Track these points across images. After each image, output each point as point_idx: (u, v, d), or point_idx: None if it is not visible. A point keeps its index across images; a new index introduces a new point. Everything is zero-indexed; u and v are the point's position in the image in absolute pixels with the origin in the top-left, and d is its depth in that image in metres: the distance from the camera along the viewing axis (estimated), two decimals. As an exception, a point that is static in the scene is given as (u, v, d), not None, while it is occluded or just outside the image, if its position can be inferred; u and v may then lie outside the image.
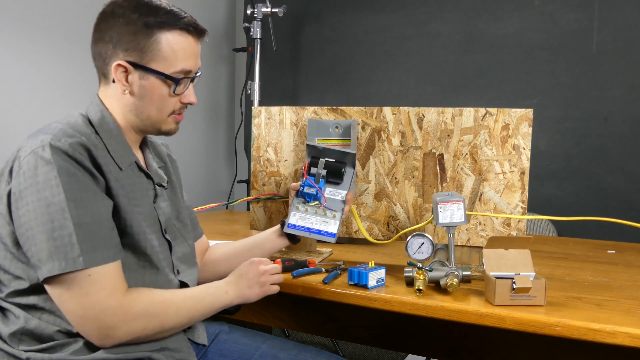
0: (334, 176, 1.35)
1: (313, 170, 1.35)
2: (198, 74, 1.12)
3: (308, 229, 1.27)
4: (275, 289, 1.19)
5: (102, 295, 0.94)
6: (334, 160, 1.36)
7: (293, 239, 1.35)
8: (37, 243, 0.92)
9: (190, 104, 1.12)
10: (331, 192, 1.36)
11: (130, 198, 1.04)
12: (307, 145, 1.41)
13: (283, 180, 1.68)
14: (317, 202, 1.33)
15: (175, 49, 1.05)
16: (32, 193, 0.93)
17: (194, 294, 1.09)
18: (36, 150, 0.94)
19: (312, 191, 1.33)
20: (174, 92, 1.08)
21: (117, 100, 1.08)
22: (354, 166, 1.38)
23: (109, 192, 1.00)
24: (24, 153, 0.95)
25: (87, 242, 0.93)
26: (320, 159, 1.37)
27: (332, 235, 1.27)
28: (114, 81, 1.06)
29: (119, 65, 1.04)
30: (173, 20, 1.05)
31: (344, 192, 1.35)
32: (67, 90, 2.50)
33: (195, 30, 1.08)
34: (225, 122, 3.57)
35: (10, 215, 0.96)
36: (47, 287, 0.95)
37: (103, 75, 1.09)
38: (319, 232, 1.27)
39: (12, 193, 0.95)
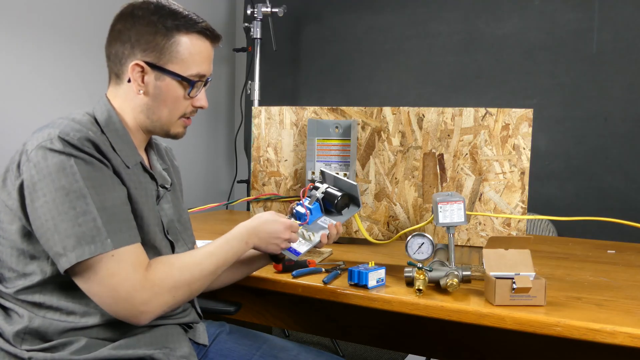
0: (330, 204, 1.30)
1: (312, 192, 1.34)
2: (210, 79, 1.13)
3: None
4: (287, 245, 1.21)
5: (128, 272, 0.94)
6: (338, 194, 1.31)
7: (275, 257, 1.31)
8: (61, 231, 0.92)
9: (201, 107, 1.14)
10: (324, 220, 1.31)
11: (137, 194, 1.05)
12: (323, 171, 1.40)
13: (283, 180, 1.68)
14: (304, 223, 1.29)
15: (192, 51, 1.07)
16: (47, 184, 0.93)
17: (214, 249, 1.08)
18: (44, 144, 0.94)
19: (302, 210, 1.30)
20: (188, 94, 1.09)
21: (128, 100, 1.09)
22: (359, 205, 1.33)
23: (122, 182, 1.02)
24: (31, 147, 0.95)
25: (112, 224, 0.94)
26: (323, 184, 1.34)
27: (297, 254, 1.24)
28: (129, 81, 1.06)
29: (137, 65, 1.05)
30: (191, 24, 1.07)
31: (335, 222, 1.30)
32: (66, 90, 2.50)
33: (211, 34, 1.10)
34: (225, 122, 3.57)
35: (23, 210, 0.96)
36: (72, 275, 0.95)
37: (115, 75, 1.10)
38: (289, 248, 1.24)
39: (24, 186, 0.95)
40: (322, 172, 1.41)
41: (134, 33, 1.05)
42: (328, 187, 1.33)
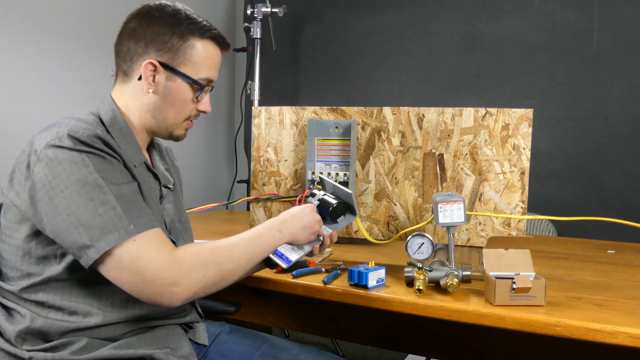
0: (325, 211, 1.30)
1: (309, 199, 1.34)
2: (213, 86, 1.16)
3: (275, 250, 1.24)
4: (319, 240, 1.24)
5: (153, 254, 0.94)
6: (333, 202, 1.30)
7: (269, 263, 1.29)
8: (84, 223, 0.92)
9: (204, 112, 1.16)
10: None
11: (143, 190, 1.06)
12: (322, 178, 1.41)
13: (283, 180, 1.68)
14: None
15: (204, 56, 1.10)
16: (63, 180, 0.93)
17: (246, 236, 1.09)
18: (53, 142, 0.95)
19: None
20: (196, 98, 1.11)
21: (135, 98, 1.10)
22: (355, 214, 1.33)
23: (133, 177, 1.03)
24: (40, 146, 0.95)
25: (131, 210, 0.95)
26: (319, 192, 1.35)
27: (288, 262, 1.24)
28: (139, 78, 1.08)
29: (150, 63, 1.06)
30: (205, 29, 1.10)
31: (330, 231, 1.30)
32: (68, 90, 2.50)
33: (223, 42, 1.14)
34: (225, 122, 3.57)
35: (35, 210, 0.96)
36: (97, 267, 0.95)
37: (123, 72, 1.11)
38: (281, 255, 1.24)
39: (37, 186, 0.94)
40: (321, 180, 1.41)
41: (150, 32, 1.07)
42: (325, 195, 1.33)
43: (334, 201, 1.30)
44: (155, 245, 0.95)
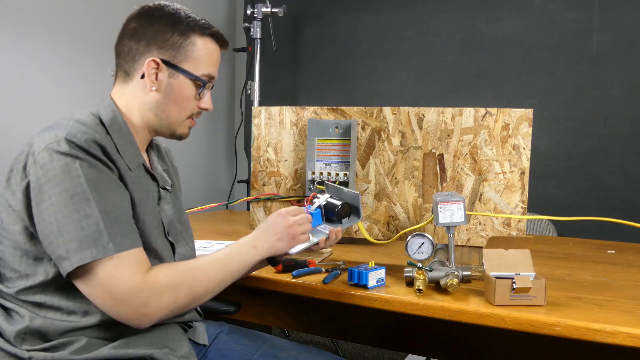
0: (332, 213, 1.32)
1: (315, 200, 1.36)
2: (214, 84, 1.17)
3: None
4: (305, 237, 1.20)
5: (126, 275, 0.94)
6: (339, 203, 1.32)
7: (272, 261, 1.28)
8: (65, 234, 0.92)
9: (206, 109, 1.17)
10: (324, 227, 1.32)
11: (139, 197, 1.05)
12: (326, 183, 1.42)
13: (283, 180, 1.68)
14: None
15: (205, 53, 1.11)
16: (52, 187, 0.93)
17: (220, 256, 1.08)
18: (51, 145, 0.95)
19: None
20: (199, 94, 1.12)
21: (137, 97, 1.10)
22: (359, 216, 1.34)
23: (125, 186, 1.03)
24: (38, 148, 0.96)
25: (114, 228, 0.95)
26: (326, 194, 1.36)
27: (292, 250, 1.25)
28: (142, 77, 1.08)
29: (153, 61, 1.07)
30: (205, 27, 1.12)
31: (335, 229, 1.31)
32: (68, 91, 2.50)
33: (222, 40, 1.16)
34: (225, 122, 3.57)
35: (28, 211, 0.96)
36: (73, 278, 0.95)
37: (125, 72, 1.11)
38: None
39: (30, 188, 0.95)
40: (325, 184, 1.42)
41: (151, 31, 1.08)
42: (330, 197, 1.35)
43: (338, 203, 1.32)
44: (131, 267, 0.95)
